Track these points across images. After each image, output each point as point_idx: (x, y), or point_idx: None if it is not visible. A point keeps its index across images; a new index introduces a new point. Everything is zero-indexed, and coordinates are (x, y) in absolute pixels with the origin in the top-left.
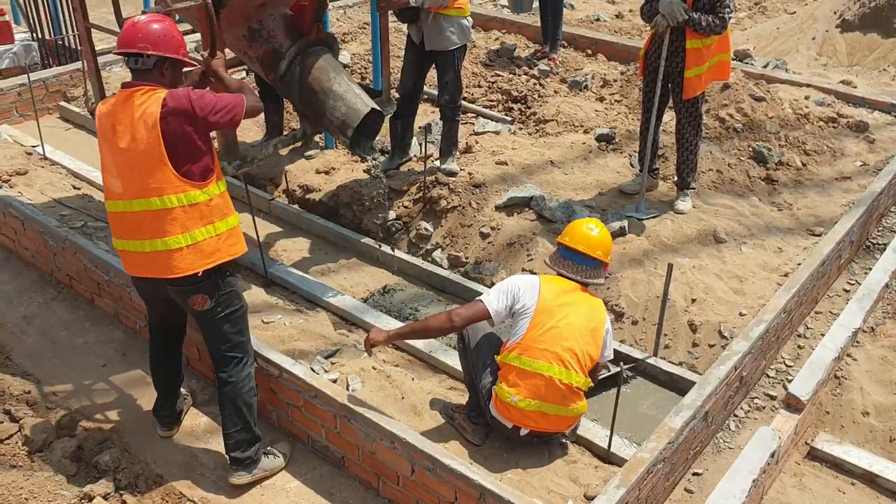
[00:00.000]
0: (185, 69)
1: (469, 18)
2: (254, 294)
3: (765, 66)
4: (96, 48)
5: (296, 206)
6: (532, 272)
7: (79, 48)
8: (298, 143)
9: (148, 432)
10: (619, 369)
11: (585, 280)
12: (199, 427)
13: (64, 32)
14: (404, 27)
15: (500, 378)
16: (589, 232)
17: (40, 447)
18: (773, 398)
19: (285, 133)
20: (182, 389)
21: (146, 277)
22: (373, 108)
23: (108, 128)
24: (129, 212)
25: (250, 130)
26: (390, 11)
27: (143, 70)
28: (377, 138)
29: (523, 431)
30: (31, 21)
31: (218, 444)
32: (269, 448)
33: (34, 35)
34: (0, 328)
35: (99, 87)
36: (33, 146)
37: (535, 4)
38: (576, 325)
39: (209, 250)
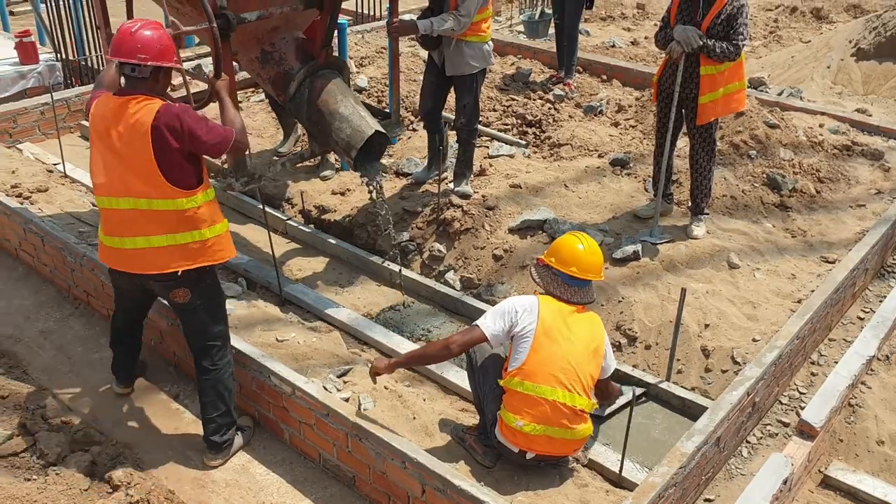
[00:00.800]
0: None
1: (490, 43)
2: (268, 312)
3: (779, 94)
4: None
5: (311, 227)
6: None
7: (102, 68)
8: (312, 163)
9: (161, 449)
10: (633, 395)
11: (583, 302)
12: None
13: (87, 53)
14: (424, 51)
15: (505, 403)
16: (582, 253)
17: (55, 461)
18: (785, 425)
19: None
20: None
21: (124, 272)
22: (377, 131)
23: (103, 130)
24: (117, 209)
25: (267, 131)
26: (414, 37)
27: (138, 78)
28: (391, 160)
29: (529, 455)
30: (56, 42)
31: (230, 460)
32: (241, 425)
33: (58, 55)
34: (18, 342)
35: None
36: (54, 164)
37: (551, 31)
38: (577, 348)
39: (193, 255)
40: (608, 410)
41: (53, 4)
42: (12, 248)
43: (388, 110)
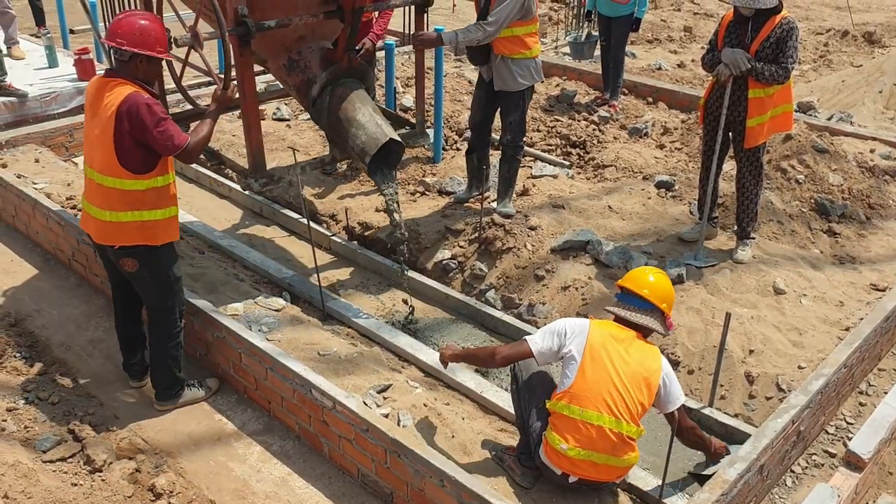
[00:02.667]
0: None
1: (538, 60)
2: (311, 326)
3: (829, 119)
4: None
5: (354, 243)
6: (585, 316)
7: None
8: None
9: (203, 459)
10: (714, 469)
11: (639, 322)
12: (251, 455)
13: None
14: (470, 73)
15: (551, 425)
16: (645, 274)
17: (100, 467)
18: (832, 455)
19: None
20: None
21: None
22: (392, 139)
23: (89, 104)
24: (89, 177)
25: (314, 148)
26: (454, 55)
27: (121, 61)
28: (434, 179)
29: (572, 479)
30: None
31: (269, 472)
32: (194, 382)
33: None
34: (68, 350)
35: None
36: None
37: (597, 52)
38: (626, 373)
39: (129, 233)
40: (711, 470)
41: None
42: (66, 258)
43: (412, 120)
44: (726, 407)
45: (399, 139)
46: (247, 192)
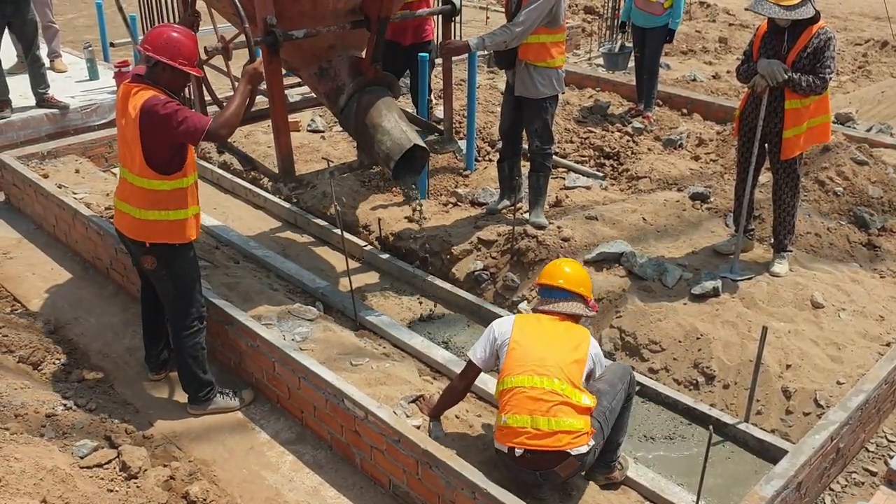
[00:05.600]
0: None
1: (561, 70)
2: (343, 336)
3: (868, 130)
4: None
5: (387, 254)
6: (620, 329)
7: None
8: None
9: (237, 467)
10: (708, 433)
11: (563, 310)
12: (284, 465)
13: None
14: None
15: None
16: (564, 269)
17: (136, 474)
18: (873, 474)
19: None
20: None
21: (121, 232)
22: (416, 144)
23: (118, 108)
24: (122, 177)
25: (347, 160)
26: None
27: (148, 67)
28: (467, 190)
29: (518, 452)
30: None
31: (301, 482)
32: (228, 391)
33: None
34: (105, 358)
35: None
36: None
37: (630, 63)
38: (554, 338)
39: (157, 231)
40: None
41: None
42: (104, 266)
43: (441, 127)
44: (763, 422)
45: (423, 145)
46: (283, 202)
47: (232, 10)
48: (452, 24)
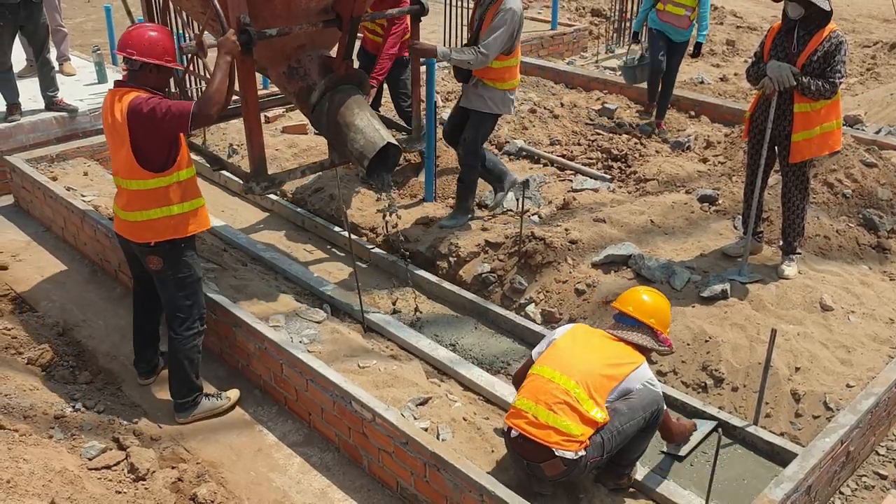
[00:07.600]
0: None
1: (513, 94)
2: (351, 339)
3: (877, 132)
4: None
5: (394, 256)
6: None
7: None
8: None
9: (244, 470)
10: (716, 433)
11: (628, 339)
12: (292, 467)
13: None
14: None
15: None
16: (641, 297)
17: (144, 476)
18: (883, 477)
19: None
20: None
21: (121, 236)
22: (389, 143)
23: (104, 116)
24: (116, 184)
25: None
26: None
27: (132, 70)
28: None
29: (514, 433)
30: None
31: (309, 484)
32: (212, 392)
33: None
34: (113, 360)
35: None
36: None
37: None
38: (590, 351)
39: (161, 228)
40: (686, 450)
41: None
42: (112, 269)
43: (407, 125)
44: (772, 425)
45: (396, 143)
46: (290, 205)
47: (200, 9)
48: (417, 25)
